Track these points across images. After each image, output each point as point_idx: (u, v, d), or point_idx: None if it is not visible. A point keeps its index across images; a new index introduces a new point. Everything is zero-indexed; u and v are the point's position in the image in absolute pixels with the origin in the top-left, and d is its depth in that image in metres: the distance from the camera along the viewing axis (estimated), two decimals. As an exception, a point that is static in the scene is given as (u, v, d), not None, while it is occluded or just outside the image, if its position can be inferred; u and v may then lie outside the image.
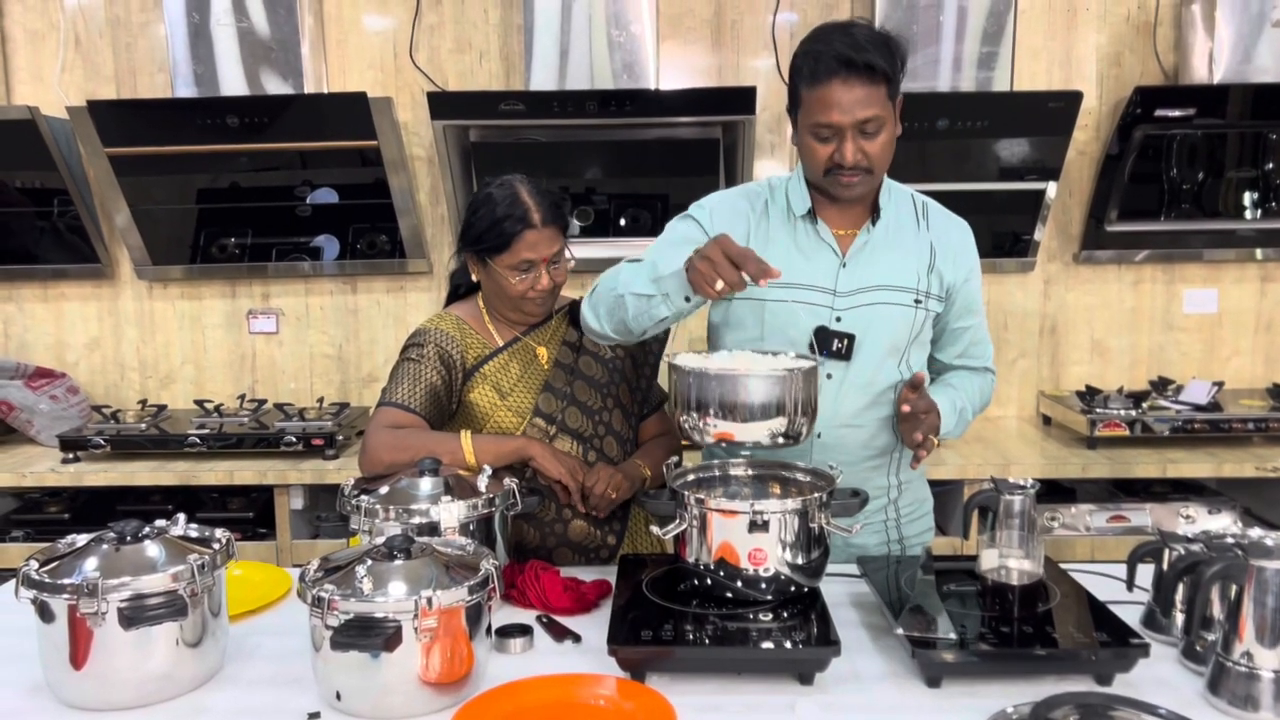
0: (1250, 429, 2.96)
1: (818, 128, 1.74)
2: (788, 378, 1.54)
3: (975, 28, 3.01)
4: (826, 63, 1.69)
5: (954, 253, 1.90)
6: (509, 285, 1.91)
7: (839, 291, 1.84)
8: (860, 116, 1.70)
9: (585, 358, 2.02)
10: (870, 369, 1.85)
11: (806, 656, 1.41)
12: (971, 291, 1.93)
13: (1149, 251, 3.34)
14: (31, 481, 2.97)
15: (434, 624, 1.30)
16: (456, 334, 1.95)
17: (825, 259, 1.86)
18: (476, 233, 1.91)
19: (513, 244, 1.87)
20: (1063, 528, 2.94)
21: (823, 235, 1.86)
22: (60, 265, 3.41)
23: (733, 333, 1.90)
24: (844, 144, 1.73)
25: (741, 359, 1.64)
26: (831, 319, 1.84)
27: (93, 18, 3.35)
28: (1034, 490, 1.54)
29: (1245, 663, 1.30)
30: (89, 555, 1.38)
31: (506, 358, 1.97)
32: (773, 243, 1.87)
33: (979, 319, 1.98)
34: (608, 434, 2.01)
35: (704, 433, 1.56)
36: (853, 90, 1.69)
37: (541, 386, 1.96)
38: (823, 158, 1.76)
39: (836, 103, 1.69)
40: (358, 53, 3.34)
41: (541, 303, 1.96)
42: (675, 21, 3.31)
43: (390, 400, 1.90)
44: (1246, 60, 3.01)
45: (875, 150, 1.75)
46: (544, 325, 2.03)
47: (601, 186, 3.30)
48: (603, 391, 2.02)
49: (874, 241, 1.87)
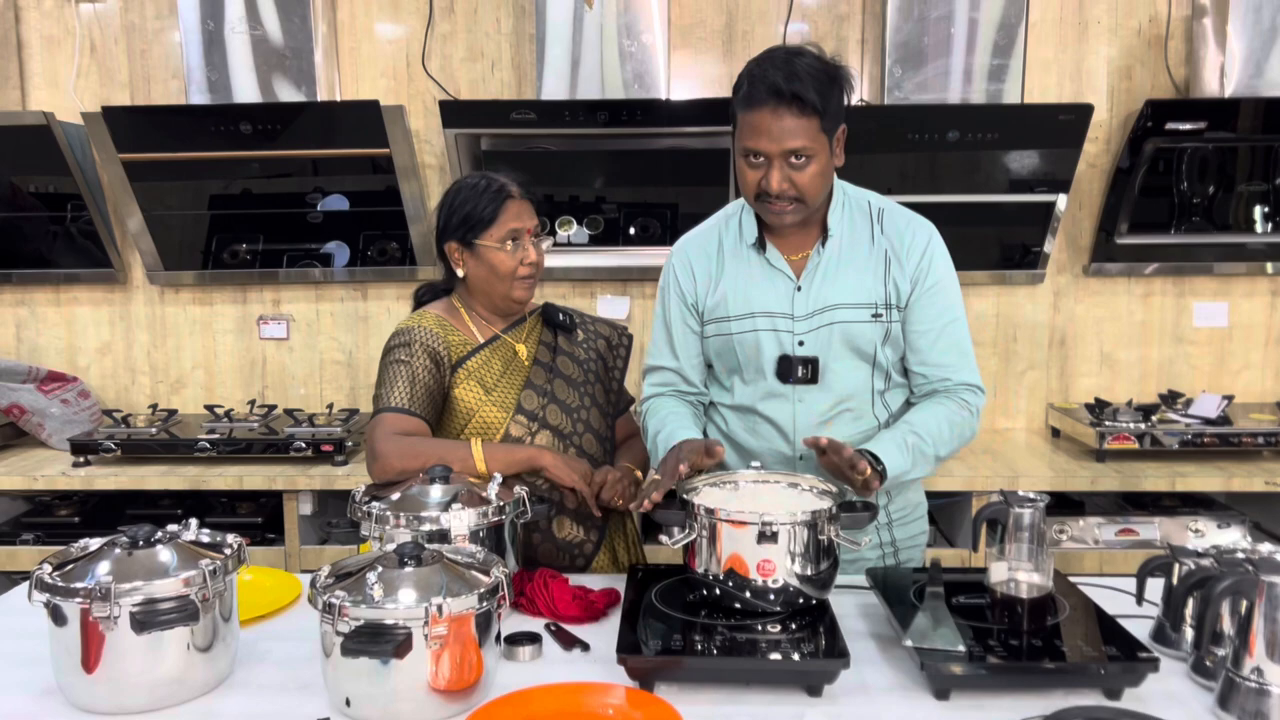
0: (1260, 443, 2.95)
1: (747, 152, 1.76)
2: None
3: (986, 40, 3.01)
4: (759, 90, 1.71)
5: (906, 256, 1.86)
6: (501, 260, 1.94)
7: (797, 315, 1.86)
8: (788, 146, 1.72)
9: (562, 357, 2.05)
10: (841, 387, 1.87)
11: (815, 668, 1.41)
12: (935, 295, 1.85)
13: (1159, 264, 3.34)
14: (42, 485, 2.99)
15: (444, 631, 1.30)
16: (440, 331, 1.96)
17: (780, 285, 1.88)
18: (460, 217, 1.95)
19: (500, 214, 1.93)
20: (1071, 540, 2.93)
21: (774, 262, 1.88)
22: (73, 270, 3.44)
23: (718, 361, 1.96)
24: (771, 171, 1.74)
25: (762, 495, 1.65)
26: (794, 343, 1.85)
27: (108, 24, 3.37)
28: (1044, 504, 1.54)
29: (1255, 678, 1.30)
30: (101, 559, 1.39)
31: (488, 354, 1.98)
32: (728, 274, 1.92)
33: (945, 324, 1.86)
34: (586, 431, 2.03)
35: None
36: (781, 120, 1.70)
37: (524, 383, 1.98)
38: (752, 182, 1.78)
39: (765, 130, 1.72)
40: (370, 61, 3.36)
41: (529, 285, 1.99)
42: (686, 32, 3.32)
43: (389, 405, 1.90)
44: (1258, 74, 3.01)
45: (804, 181, 1.75)
46: (520, 324, 2.05)
47: (611, 195, 3.31)
48: (580, 390, 2.04)
49: (826, 262, 1.87)
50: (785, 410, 1.88)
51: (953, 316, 1.88)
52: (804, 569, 1.51)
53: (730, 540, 1.51)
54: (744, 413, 1.93)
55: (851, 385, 1.88)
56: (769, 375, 1.88)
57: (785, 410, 1.88)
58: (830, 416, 1.88)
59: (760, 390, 1.90)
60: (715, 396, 2.00)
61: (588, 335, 2.13)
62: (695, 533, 1.54)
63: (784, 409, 1.89)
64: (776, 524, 1.48)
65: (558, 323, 2.08)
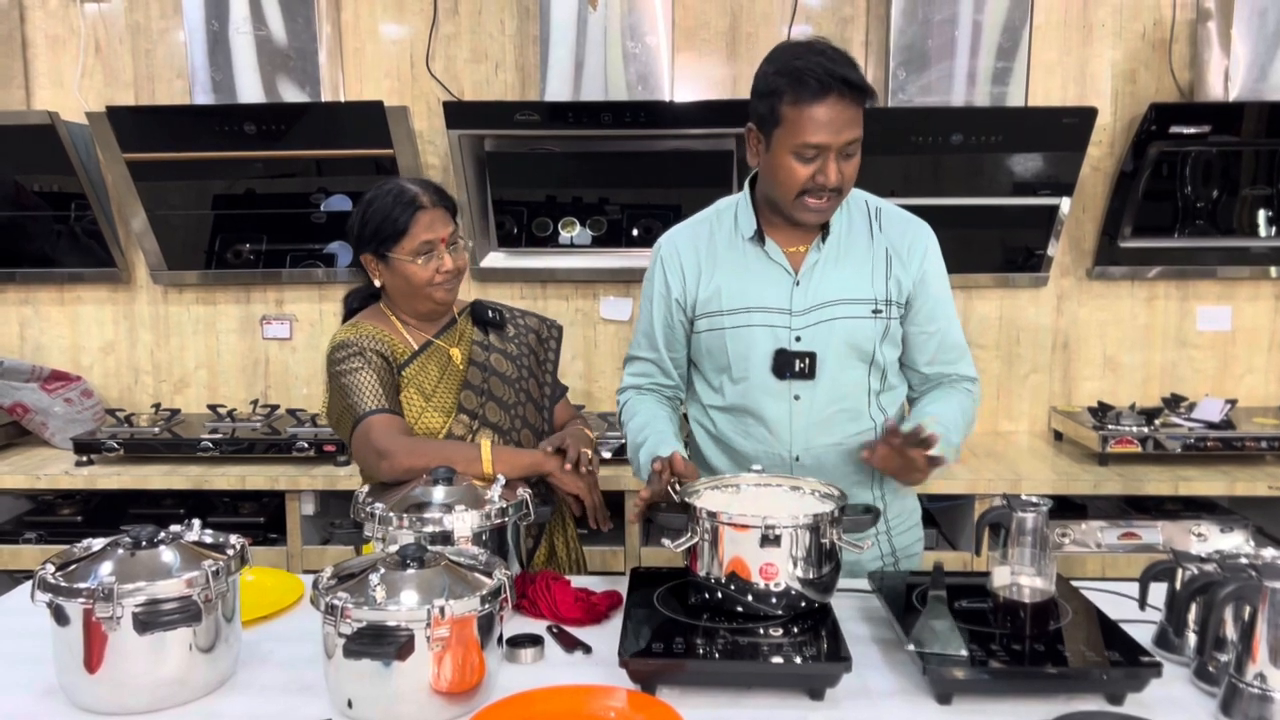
0: (1263, 447, 2.94)
1: (803, 148, 1.71)
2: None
3: (990, 43, 3.01)
4: (818, 81, 1.66)
5: (908, 255, 1.86)
6: (414, 273, 1.91)
7: (795, 310, 1.84)
8: (848, 137, 1.70)
9: (495, 355, 2.04)
10: (839, 384, 1.85)
11: (817, 672, 1.41)
12: (933, 294, 1.88)
13: (1162, 268, 3.34)
14: (45, 484, 2.99)
15: (446, 633, 1.30)
16: (380, 336, 1.94)
17: (778, 279, 1.85)
18: (372, 229, 1.91)
19: (410, 227, 1.89)
20: (1073, 544, 2.93)
21: (772, 255, 1.86)
22: (76, 269, 3.44)
23: (707, 360, 1.93)
24: (828, 165, 1.71)
25: (763, 499, 1.64)
26: (791, 338, 1.83)
27: (113, 24, 3.38)
28: (1047, 508, 1.54)
29: (1258, 684, 1.29)
30: (104, 559, 1.39)
31: (424, 360, 1.97)
32: (721, 269, 1.88)
33: (946, 322, 1.91)
34: (524, 427, 2.02)
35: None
36: (844, 111, 1.68)
37: (461, 385, 1.97)
38: (802, 178, 1.73)
39: (828, 122, 1.68)
40: (374, 62, 3.37)
41: (449, 288, 1.96)
42: (690, 33, 3.32)
43: (369, 410, 1.86)
44: (1262, 78, 3.01)
45: (850, 172, 1.74)
46: (451, 328, 2.04)
47: (614, 197, 3.31)
48: (515, 386, 2.03)
49: (826, 256, 1.85)
50: (781, 410, 1.86)
51: (951, 314, 1.92)
52: (806, 572, 1.50)
53: (733, 543, 1.51)
54: (736, 413, 1.91)
55: (848, 384, 1.86)
56: (764, 372, 1.84)
57: (781, 410, 1.86)
58: (827, 416, 1.86)
59: (753, 389, 1.86)
60: (704, 398, 1.97)
61: (518, 330, 2.11)
62: (697, 536, 1.54)
63: (779, 408, 1.86)
64: (779, 527, 1.48)
65: (487, 320, 2.06)
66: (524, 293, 3.45)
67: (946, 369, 1.92)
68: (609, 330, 3.48)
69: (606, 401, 3.47)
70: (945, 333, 1.91)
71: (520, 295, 3.44)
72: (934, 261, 1.89)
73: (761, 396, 1.86)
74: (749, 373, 1.86)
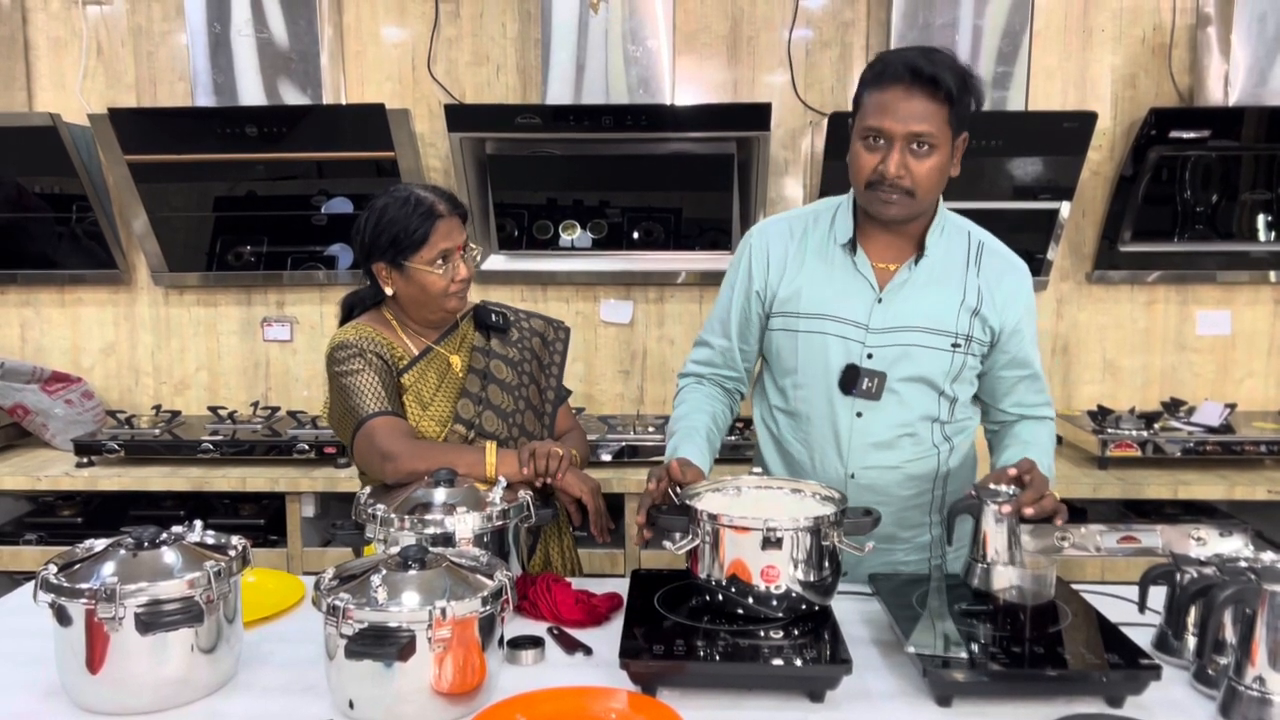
0: (1262, 451, 2.95)
1: (869, 131, 1.69)
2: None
3: (990, 48, 3.02)
4: (894, 68, 1.66)
5: (1004, 300, 1.82)
6: (432, 282, 1.90)
7: (872, 327, 1.80)
8: (914, 129, 1.66)
9: (495, 361, 2.03)
10: (903, 408, 1.81)
11: (818, 674, 1.41)
12: (1023, 341, 1.85)
13: (1162, 272, 3.34)
14: (46, 485, 2.99)
15: (447, 634, 1.31)
16: (380, 339, 1.94)
17: (861, 292, 1.81)
18: (389, 238, 1.89)
19: (430, 237, 1.88)
20: (1073, 548, 2.91)
21: (860, 267, 1.82)
22: (78, 271, 3.44)
23: (775, 360, 1.90)
24: (891, 153, 1.67)
25: (764, 501, 1.63)
26: (863, 354, 1.80)
27: (115, 26, 3.38)
28: (1014, 497, 1.55)
29: (1258, 687, 1.30)
30: (107, 560, 1.39)
31: (424, 367, 1.96)
32: (806, 270, 1.85)
33: (1034, 368, 1.88)
34: (521, 435, 2.01)
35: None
36: (912, 101, 1.65)
37: (459, 393, 1.96)
38: (868, 167, 1.71)
39: (893, 109, 1.66)
40: (376, 64, 3.37)
41: (461, 296, 1.96)
42: (691, 37, 3.33)
43: (372, 412, 1.85)
44: (1262, 83, 3.02)
45: (921, 171, 1.68)
46: (453, 334, 2.03)
47: (615, 200, 3.31)
48: (514, 394, 2.02)
49: (915, 279, 1.81)
50: (844, 424, 1.82)
51: (1037, 356, 1.89)
52: (807, 575, 1.51)
53: (734, 546, 1.51)
54: (797, 419, 1.88)
55: (915, 410, 1.82)
56: (830, 384, 1.81)
57: (844, 424, 1.82)
58: (889, 439, 1.82)
59: (817, 398, 1.84)
60: (771, 398, 1.94)
61: (522, 334, 2.10)
62: (698, 538, 1.54)
63: (841, 423, 1.82)
64: (781, 530, 1.48)
65: (490, 324, 2.05)
66: (524, 295, 3.45)
67: (1029, 412, 1.90)
68: (609, 333, 3.48)
69: (607, 405, 3.47)
70: (1034, 378, 1.89)
71: (521, 298, 3.44)
72: (1027, 308, 1.85)
73: (824, 407, 1.84)
74: (815, 381, 1.83)
